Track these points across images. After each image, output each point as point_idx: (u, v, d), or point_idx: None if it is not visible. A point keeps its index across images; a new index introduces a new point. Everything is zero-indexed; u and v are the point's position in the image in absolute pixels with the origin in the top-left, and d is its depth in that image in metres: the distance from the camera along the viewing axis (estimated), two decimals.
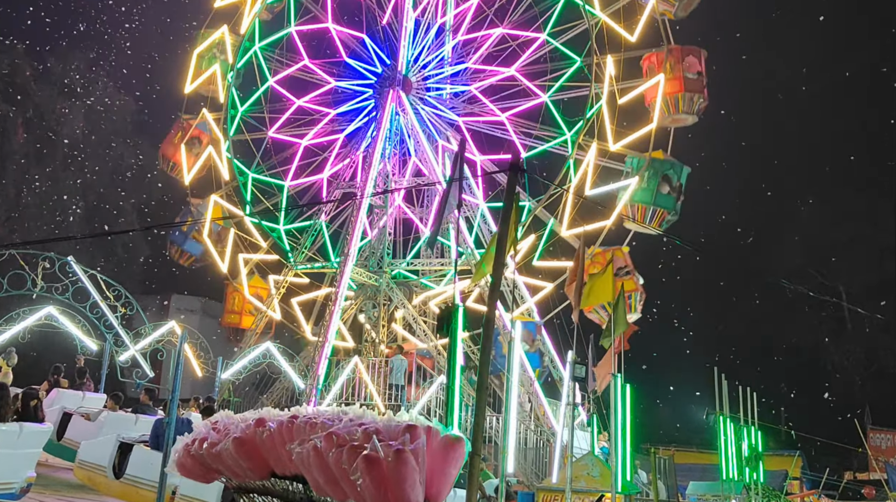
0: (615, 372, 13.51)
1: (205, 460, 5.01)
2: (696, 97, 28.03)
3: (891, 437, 35.71)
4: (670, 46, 28.38)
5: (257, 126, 32.57)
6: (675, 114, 27.95)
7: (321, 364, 24.63)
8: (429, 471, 4.05)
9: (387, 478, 3.87)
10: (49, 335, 20.73)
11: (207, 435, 5.05)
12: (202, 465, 5.10)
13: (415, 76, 30.78)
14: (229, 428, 4.91)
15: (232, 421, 4.97)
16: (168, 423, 8.54)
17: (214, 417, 5.19)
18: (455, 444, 4.16)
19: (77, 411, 15.22)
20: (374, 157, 28.19)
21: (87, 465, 12.59)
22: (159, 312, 40.91)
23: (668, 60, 28.23)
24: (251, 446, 4.73)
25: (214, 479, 5.33)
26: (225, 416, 5.07)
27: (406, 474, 3.85)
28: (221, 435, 4.91)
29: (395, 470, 3.86)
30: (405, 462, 3.86)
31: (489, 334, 9.01)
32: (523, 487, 19.16)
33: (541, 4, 29.85)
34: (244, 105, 32.58)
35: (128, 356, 19.66)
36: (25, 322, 18.20)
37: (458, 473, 4.50)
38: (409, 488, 3.87)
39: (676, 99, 27.87)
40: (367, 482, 3.88)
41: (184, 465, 5.24)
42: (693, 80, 28.11)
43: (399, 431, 4.03)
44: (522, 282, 27.91)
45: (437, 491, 4.12)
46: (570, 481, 11.71)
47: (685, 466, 26.59)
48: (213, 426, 5.10)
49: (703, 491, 22.36)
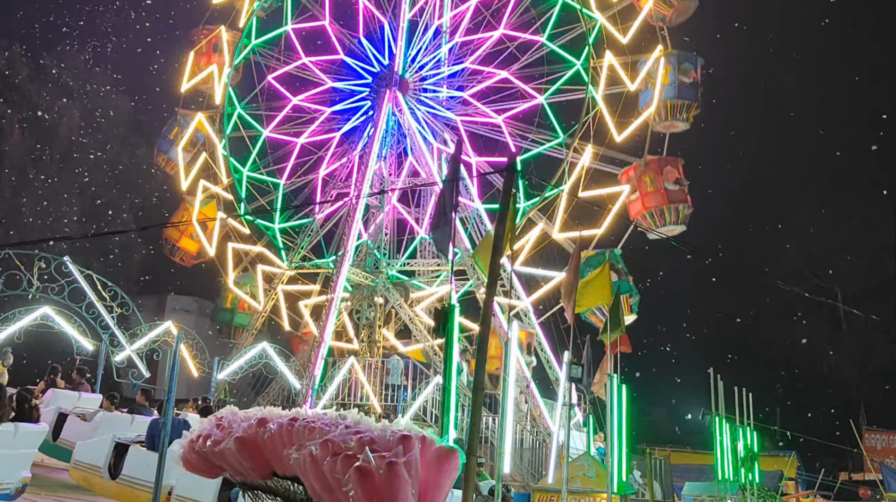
0: (611, 372, 13.53)
1: (208, 457, 5.03)
2: (680, 207, 28.20)
3: (886, 438, 35.77)
4: (647, 159, 28.51)
5: (253, 124, 32.57)
6: (663, 226, 28.14)
7: (317, 364, 24.62)
8: (422, 483, 4.03)
9: (379, 490, 3.86)
10: (45, 335, 20.67)
11: (211, 431, 5.06)
12: (206, 461, 5.12)
13: (411, 76, 30.78)
14: (232, 426, 4.92)
15: (236, 418, 4.98)
16: (164, 424, 8.53)
17: (219, 413, 5.21)
18: (449, 456, 4.14)
19: (73, 411, 15.17)
20: (370, 158, 28.18)
21: (82, 466, 12.56)
22: (155, 312, 40.79)
23: (648, 174, 28.43)
24: (253, 446, 4.74)
25: (219, 475, 5.36)
26: (230, 412, 5.08)
27: (398, 487, 3.84)
28: (225, 433, 4.92)
29: (387, 483, 3.85)
30: (397, 474, 3.84)
31: (485, 334, 9.01)
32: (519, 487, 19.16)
33: (539, 7, 29.91)
34: (241, 103, 32.58)
35: (124, 356, 19.63)
36: (21, 322, 18.14)
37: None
38: (402, 500, 3.86)
39: (661, 211, 28.05)
40: (359, 494, 3.87)
41: (188, 461, 5.27)
42: (674, 190, 28.29)
43: (393, 442, 4.01)
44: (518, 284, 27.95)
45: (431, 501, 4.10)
46: (566, 481, 11.71)
47: (681, 467, 26.62)
48: (217, 422, 5.11)
49: (699, 491, 22.38)
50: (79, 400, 16.01)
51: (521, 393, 24.72)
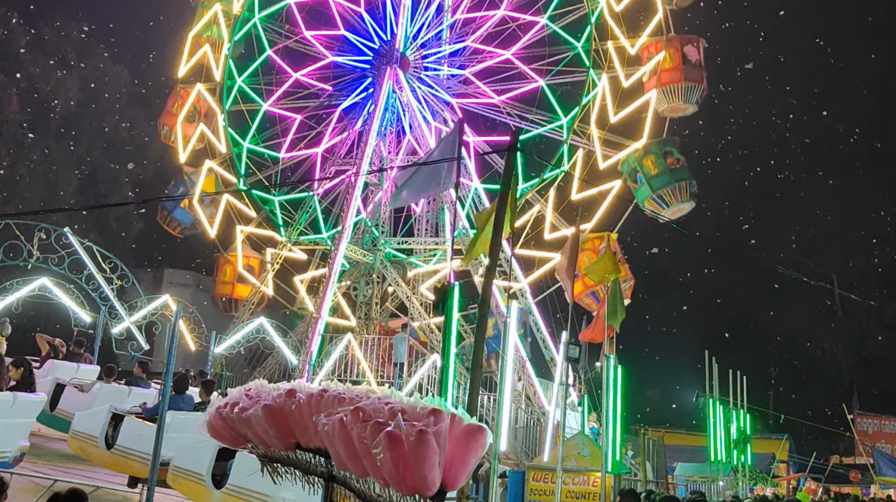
0: (607, 353, 13.61)
1: (234, 424, 5.13)
2: (695, 86, 28.02)
3: (878, 422, 36.07)
4: (669, 36, 28.31)
5: (253, 98, 32.42)
6: (674, 103, 27.96)
7: (314, 340, 24.68)
8: (449, 457, 4.10)
9: (406, 457, 3.93)
10: (42, 306, 20.69)
11: (240, 399, 5.16)
12: (231, 429, 5.22)
13: (412, 54, 30.61)
14: (261, 396, 5.02)
15: (265, 389, 5.07)
16: (163, 395, 8.57)
17: (248, 385, 5.32)
18: (478, 434, 4.20)
19: (70, 382, 15.22)
20: (370, 135, 28.10)
21: (80, 436, 12.61)
22: (152, 286, 40.78)
23: (668, 49, 28.18)
24: (280, 415, 4.83)
25: (242, 445, 5.45)
26: (259, 385, 5.19)
27: (426, 455, 3.91)
28: (253, 402, 5.02)
29: (415, 450, 3.92)
30: (427, 443, 3.91)
31: (484, 314, 9.07)
32: (514, 466, 19.32)
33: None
34: (241, 76, 32.39)
35: (122, 328, 19.68)
36: (19, 293, 18.15)
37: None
38: (428, 470, 3.92)
39: (676, 88, 27.87)
40: (388, 458, 3.95)
41: (214, 427, 5.36)
42: (692, 69, 28.10)
43: (424, 414, 4.10)
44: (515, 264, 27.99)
45: (455, 477, 4.17)
46: (561, 460, 11.81)
47: (674, 448, 26.84)
48: (245, 392, 5.21)
49: (692, 472, 22.62)
50: (77, 372, 16.05)
51: (517, 373, 24.82)
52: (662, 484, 20.49)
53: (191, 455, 10.51)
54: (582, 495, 12.10)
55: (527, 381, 25.14)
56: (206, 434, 5.55)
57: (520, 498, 12.67)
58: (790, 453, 33.28)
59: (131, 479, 11.61)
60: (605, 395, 12.73)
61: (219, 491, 10.16)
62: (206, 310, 30.29)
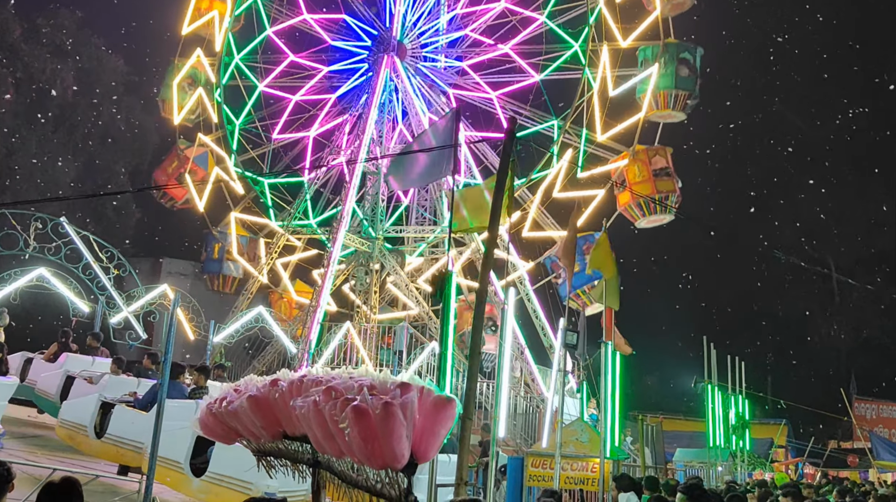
0: (605, 339, 13.62)
1: (224, 418, 5.14)
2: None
3: (876, 407, 36.20)
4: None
5: (250, 76, 32.29)
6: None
7: (313, 328, 24.69)
8: (418, 429, 4.14)
9: (374, 430, 3.96)
10: (40, 296, 20.63)
11: (229, 394, 5.21)
12: (223, 424, 5.24)
13: (410, 42, 30.48)
14: (248, 388, 5.06)
15: (252, 382, 5.11)
16: (161, 385, 8.56)
17: (239, 381, 5.33)
18: (446, 405, 4.24)
19: (80, 375, 15.17)
20: (367, 124, 28.01)
21: (68, 424, 12.52)
22: (150, 275, 40.70)
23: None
24: (265, 404, 4.89)
25: (235, 440, 5.46)
26: (248, 380, 5.22)
27: (393, 427, 3.95)
28: (240, 395, 5.07)
29: (382, 423, 3.95)
30: (393, 415, 3.95)
31: (482, 301, 9.05)
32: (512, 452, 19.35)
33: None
34: (240, 53, 32.23)
35: (120, 318, 19.64)
36: (17, 283, 18.10)
37: (449, 436, 4.58)
38: (396, 441, 3.97)
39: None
40: (355, 433, 3.98)
41: (206, 424, 5.37)
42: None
43: (392, 387, 4.12)
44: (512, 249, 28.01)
45: (425, 449, 4.21)
46: (559, 446, 11.83)
47: (672, 433, 26.92)
48: (234, 387, 5.27)
49: (690, 458, 22.65)
50: (93, 365, 15.91)
51: (515, 360, 24.86)
52: (661, 470, 20.54)
53: (168, 442, 9.61)
54: (581, 481, 12.11)
55: (525, 368, 25.23)
56: (191, 423, 5.56)
57: (519, 484, 12.68)
58: (788, 438, 33.39)
59: (121, 467, 11.55)
60: (603, 381, 12.74)
61: (198, 479, 9.83)
62: (205, 300, 30.29)
